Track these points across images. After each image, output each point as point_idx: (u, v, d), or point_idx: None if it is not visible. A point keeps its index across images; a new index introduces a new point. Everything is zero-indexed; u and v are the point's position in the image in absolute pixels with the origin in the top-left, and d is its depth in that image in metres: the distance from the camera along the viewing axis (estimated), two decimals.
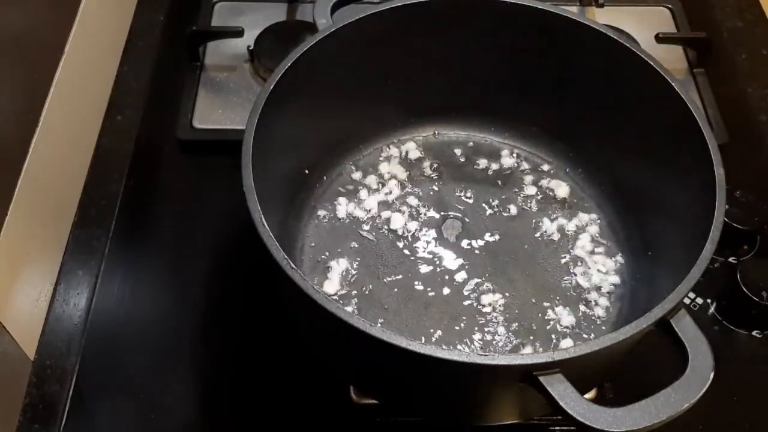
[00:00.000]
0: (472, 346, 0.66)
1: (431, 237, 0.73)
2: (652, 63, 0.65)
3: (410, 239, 0.73)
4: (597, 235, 0.74)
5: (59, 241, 0.74)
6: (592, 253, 0.73)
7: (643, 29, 0.94)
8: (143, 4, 0.94)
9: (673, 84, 0.64)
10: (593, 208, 0.76)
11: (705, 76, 0.92)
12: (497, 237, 0.73)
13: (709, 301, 0.74)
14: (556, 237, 0.74)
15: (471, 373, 0.51)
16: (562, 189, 0.77)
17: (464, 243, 0.73)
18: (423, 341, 0.65)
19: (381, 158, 0.79)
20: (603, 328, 0.68)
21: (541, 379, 0.48)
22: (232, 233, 0.77)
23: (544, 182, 0.78)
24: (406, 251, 0.72)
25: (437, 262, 0.71)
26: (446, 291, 0.69)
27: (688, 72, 0.93)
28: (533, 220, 0.75)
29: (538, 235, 0.74)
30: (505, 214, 0.75)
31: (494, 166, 0.79)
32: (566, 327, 0.67)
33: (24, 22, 0.71)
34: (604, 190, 0.76)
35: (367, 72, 0.73)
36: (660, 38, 0.92)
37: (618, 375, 0.66)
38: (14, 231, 0.66)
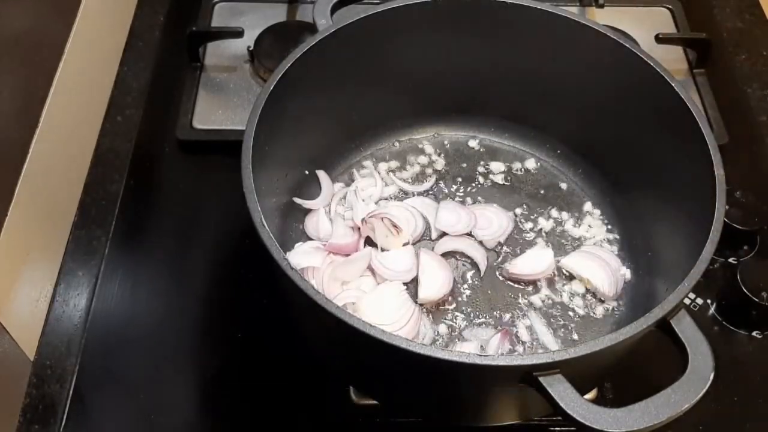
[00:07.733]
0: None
1: (431, 237, 0.73)
2: (652, 63, 0.65)
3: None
4: (597, 234, 0.74)
5: (59, 241, 0.74)
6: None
7: (643, 29, 0.94)
8: (143, 4, 0.94)
9: (673, 84, 0.64)
10: (594, 207, 0.76)
11: (705, 77, 0.93)
12: (497, 237, 0.73)
13: (709, 301, 0.73)
14: (555, 236, 0.74)
15: (471, 373, 0.51)
16: (562, 189, 0.77)
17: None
18: (422, 341, 0.65)
19: (380, 158, 0.79)
20: (603, 328, 0.68)
21: (541, 379, 0.48)
22: (232, 233, 0.77)
23: (543, 182, 0.78)
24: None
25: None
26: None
27: (688, 72, 0.94)
28: (533, 219, 0.75)
29: (538, 234, 0.74)
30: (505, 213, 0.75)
31: (494, 167, 0.79)
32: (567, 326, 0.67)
33: (24, 22, 0.71)
34: (605, 190, 0.76)
35: (367, 73, 0.73)
36: (660, 39, 0.92)
37: (618, 375, 0.66)
38: (14, 231, 0.66)
